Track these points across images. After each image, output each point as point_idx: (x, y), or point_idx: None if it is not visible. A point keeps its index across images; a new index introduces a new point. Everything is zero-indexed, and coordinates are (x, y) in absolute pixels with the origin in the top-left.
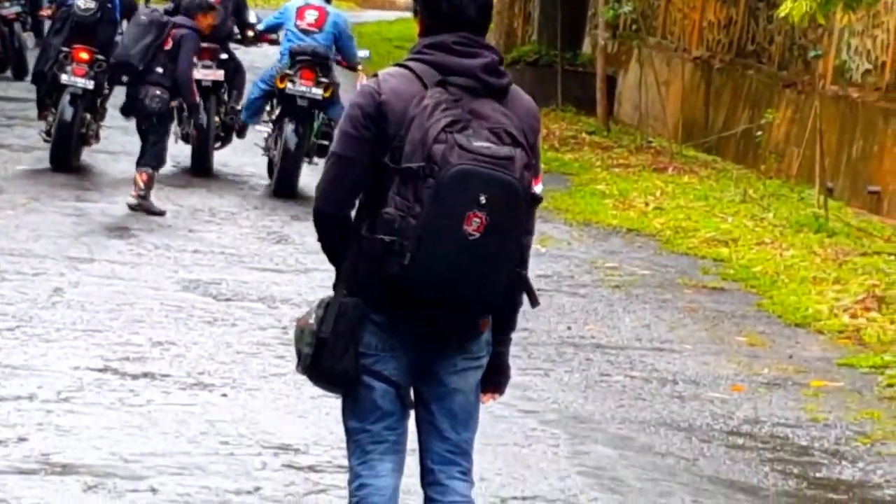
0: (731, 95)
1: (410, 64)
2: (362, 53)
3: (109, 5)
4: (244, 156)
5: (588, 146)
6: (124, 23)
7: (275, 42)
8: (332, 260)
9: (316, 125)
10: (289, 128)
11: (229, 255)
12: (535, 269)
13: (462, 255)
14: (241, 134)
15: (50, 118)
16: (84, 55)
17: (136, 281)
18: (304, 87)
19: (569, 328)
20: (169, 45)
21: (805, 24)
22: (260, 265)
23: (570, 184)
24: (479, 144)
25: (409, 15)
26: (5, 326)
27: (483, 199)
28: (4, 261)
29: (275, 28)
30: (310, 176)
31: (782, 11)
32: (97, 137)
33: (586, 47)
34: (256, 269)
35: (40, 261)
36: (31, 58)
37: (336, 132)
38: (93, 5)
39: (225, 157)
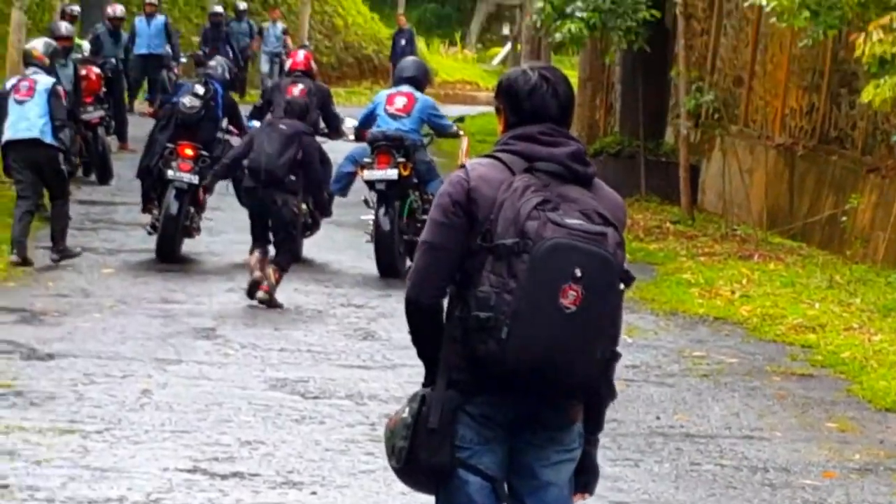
0: (814, 181)
1: (497, 154)
2: (454, 123)
3: (213, 103)
4: (329, 253)
5: (673, 235)
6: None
7: None
8: (422, 352)
9: (408, 202)
10: (380, 212)
11: (316, 352)
12: (623, 360)
13: (558, 328)
14: (326, 211)
15: (155, 212)
16: (189, 151)
17: (223, 381)
18: (380, 172)
19: (658, 418)
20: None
21: (888, 109)
22: (347, 362)
23: (655, 273)
24: (571, 221)
25: (490, 109)
26: (94, 429)
27: (578, 273)
28: (93, 364)
29: (367, 121)
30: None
31: (865, 97)
32: (199, 230)
33: (669, 137)
34: (344, 366)
35: (128, 363)
36: (115, 161)
37: (427, 221)
38: (197, 104)
39: (311, 254)
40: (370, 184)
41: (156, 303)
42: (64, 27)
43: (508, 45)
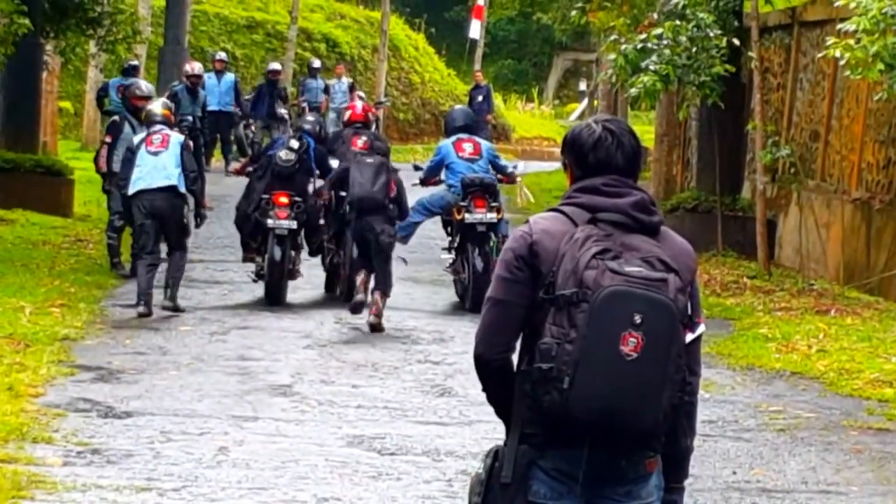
0: (892, 236)
1: (561, 207)
2: (518, 166)
3: (306, 156)
4: (406, 310)
5: (749, 290)
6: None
7: (437, 183)
8: (496, 408)
9: (492, 244)
10: (475, 252)
11: (393, 409)
12: (700, 415)
13: (620, 375)
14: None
15: (258, 259)
16: (284, 199)
17: (300, 438)
18: (480, 215)
19: (734, 473)
20: (393, 192)
21: None
22: (424, 418)
23: (732, 329)
24: (630, 269)
25: None
26: (171, 487)
27: (638, 319)
28: (170, 421)
29: (437, 169)
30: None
31: None
32: (300, 272)
33: (745, 192)
34: (420, 423)
35: (205, 420)
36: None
37: (493, 278)
38: (293, 157)
39: (387, 311)
40: (469, 227)
41: (233, 360)
42: (144, 86)
43: (585, 101)
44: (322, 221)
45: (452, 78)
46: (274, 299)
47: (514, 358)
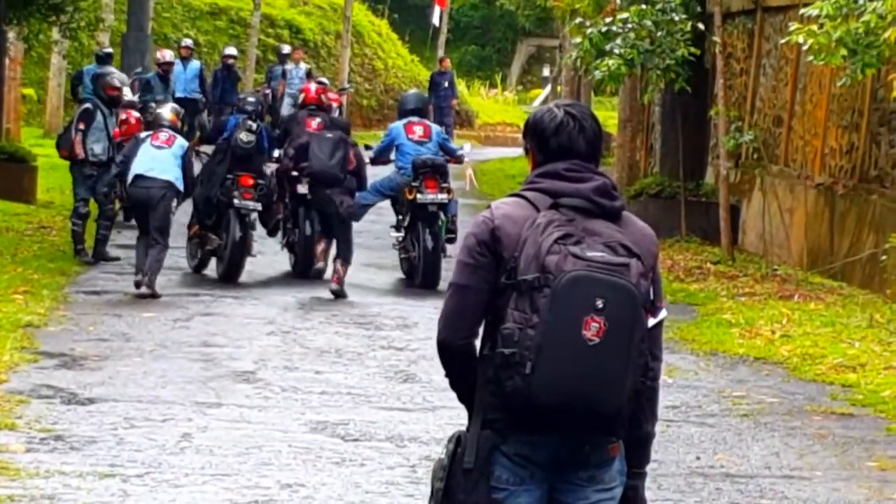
0: (855, 221)
1: (522, 192)
2: (464, 147)
3: (259, 137)
4: (369, 295)
5: (713, 276)
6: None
7: (387, 162)
8: (459, 393)
9: (441, 223)
10: (425, 231)
11: (356, 395)
12: (663, 400)
13: (583, 360)
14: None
15: (212, 237)
16: (249, 181)
17: (263, 424)
18: (432, 195)
19: (698, 458)
20: (353, 165)
21: None
22: (387, 405)
23: (695, 314)
24: (593, 254)
25: None
26: (135, 473)
27: (600, 304)
28: (133, 408)
29: (387, 150)
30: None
31: None
32: (253, 253)
33: (709, 177)
34: (384, 409)
35: (168, 406)
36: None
37: (455, 263)
38: (252, 139)
39: (352, 296)
40: (419, 206)
41: (196, 346)
42: (118, 78)
43: (549, 87)
44: (276, 200)
45: (416, 64)
46: (231, 277)
47: (477, 343)
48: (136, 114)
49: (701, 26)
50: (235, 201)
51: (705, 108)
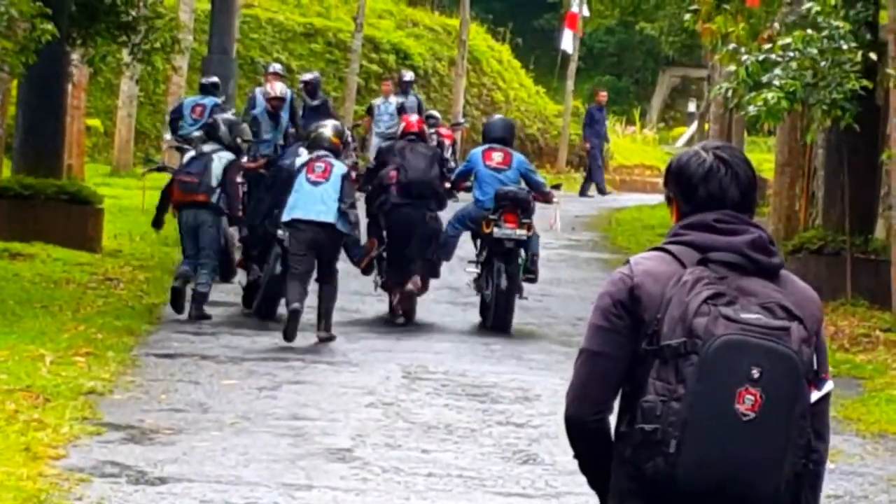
0: None
1: (666, 246)
2: (556, 189)
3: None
4: (485, 364)
5: (883, 345)
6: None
7: (468, 189)
8: (590, 477)
9: (521, 262)
10: (500, 268)
11: (469, 478)
12: (826, 489)
13: (736, 438)
14: (436, 273)
15: (255, 268)
16: None
17: None
18: (510, 230)
19: None
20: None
21: None
22: (504, 489)
23: (862, 389)
24: (747, 316)
25: None
26: None
27: (756, 374)
28: (211, 489)
29: (466, 175)
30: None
31: None
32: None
33: (879, 231)
34: (500, 495)
35: (251, 489)
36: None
37: (588, 327)
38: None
39: (463, 365)
40: (496, 242)
41: (284, 419)
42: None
43: (695, 124)
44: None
45: (541, 96)
46: (266, 313)
47: (612, 419)
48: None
49: (873, 56)
50: (280, 233)
51: (877, 150)
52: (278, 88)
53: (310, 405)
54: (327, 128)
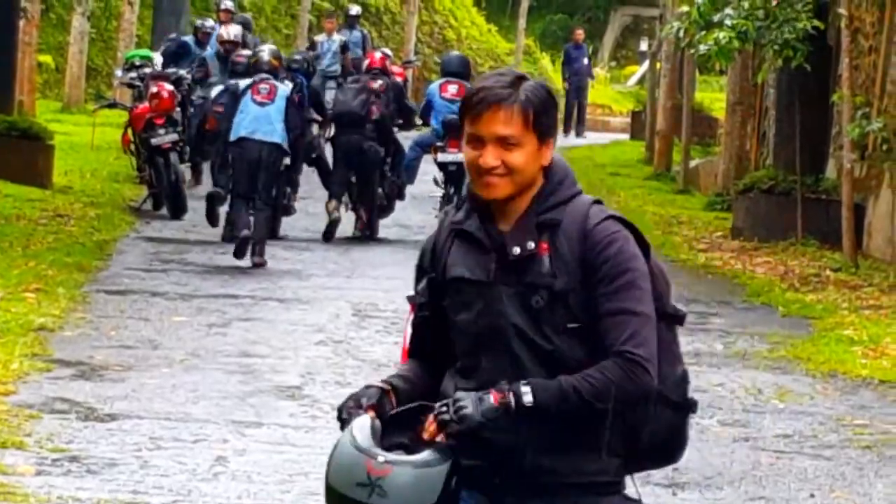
0: None
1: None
2: None
3: (299, 94)
4: None
5: (833, 285)
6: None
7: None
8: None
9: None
10: (450, 191)
11: None
12: (774, 428)
13: None
14: (401, 195)
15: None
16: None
17: (310, 448)
18: (452, 155)
19: (812, 496)
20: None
21: None
22: None
23: (812, 329)
24: None
25: (624, 137)
26: (160, 501)
27: None
28: (160, 426)
29: (427, 109)
30: None
31: None
32: (295, 209)
33: (830, 171)
34: None
35: (201, 426)
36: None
37: (636, 289)
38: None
39: None
40: (442, 165)
41: (234, 356)
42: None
43: (646, 63)
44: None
45: (493, 34)
46: (270, 233)
47: None
48: (168, 86)
49: None
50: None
51: (827, 90)
52: (232, 32)
53: (260, 342)
54: (265, 52)
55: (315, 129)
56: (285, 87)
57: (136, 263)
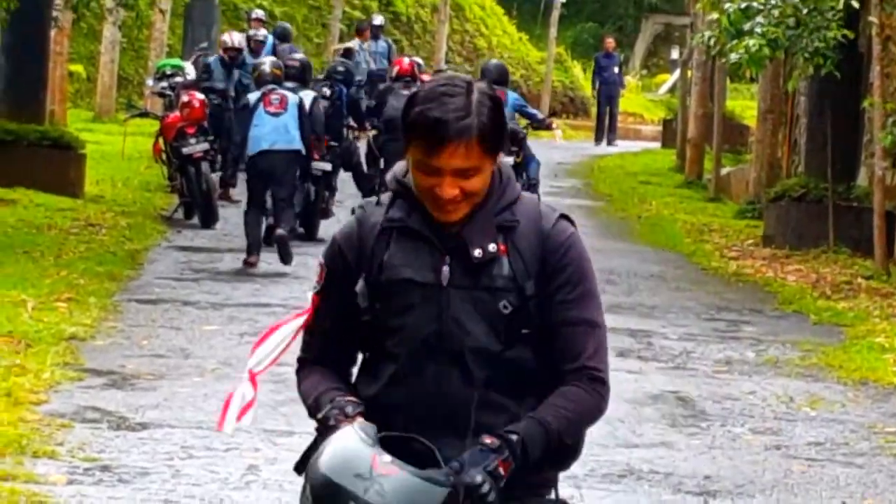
0: None
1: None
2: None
3: (338, 103)
4: None
5: (864, 293)
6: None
7: None
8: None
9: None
10: None
11: None
12: (805, 436)
13: None
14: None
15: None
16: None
17: None
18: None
19: (843, 503)
20: None
21: None
22: None
23: (843, 337)
24: None
25: (656, 145)
26: None
27: None
28: (192, 435)
29: None
30: None
31: None
32: (332, 213)
33: (861, 179)
34: None
35: (232, 435)
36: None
37: (596, 301)
38: (326, 104)
39: None
40: None
41: None
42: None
43: (677, 71)
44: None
45: (524, 43)
46: (308, 235)
47: None
48: (200, 95)
49: (855, 4)
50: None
51: (858, 98)
52: (236, 39)
53: (291, 351)
54: (266, 64)
55: (350, 135)
56: (295, 97)
57: (167, 272)
